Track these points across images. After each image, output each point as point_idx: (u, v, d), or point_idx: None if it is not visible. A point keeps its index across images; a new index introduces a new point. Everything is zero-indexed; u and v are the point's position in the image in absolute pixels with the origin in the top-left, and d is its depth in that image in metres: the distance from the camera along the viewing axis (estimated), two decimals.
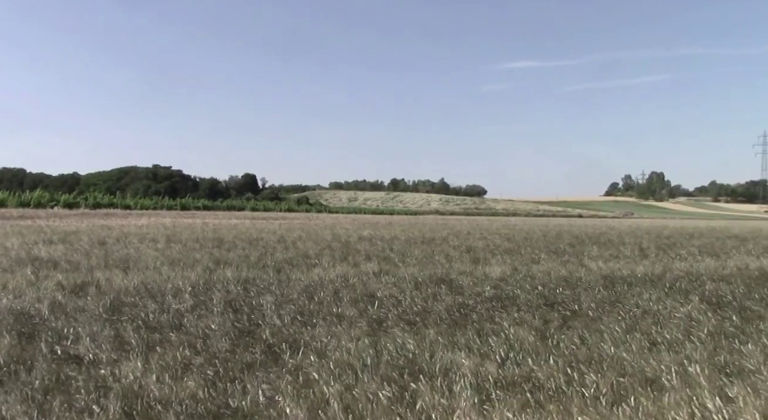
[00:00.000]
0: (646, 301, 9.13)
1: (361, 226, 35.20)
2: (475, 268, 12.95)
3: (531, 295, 9.53)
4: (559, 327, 7.24)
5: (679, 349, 6.20)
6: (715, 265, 14.36)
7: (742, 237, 28.34)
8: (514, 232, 30.47)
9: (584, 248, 19.20)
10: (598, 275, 12.08)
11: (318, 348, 5.96)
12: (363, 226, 34.04)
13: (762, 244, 22.67)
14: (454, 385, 4.85)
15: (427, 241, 21.57)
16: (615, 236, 27.30)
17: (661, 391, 4.85)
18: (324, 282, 10.42)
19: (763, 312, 8.29)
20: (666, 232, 33.18)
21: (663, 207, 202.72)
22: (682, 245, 21.48)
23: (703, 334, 6.81)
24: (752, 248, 20.45)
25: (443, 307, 8.25)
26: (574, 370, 5.31)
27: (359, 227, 32.61)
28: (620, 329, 7.07)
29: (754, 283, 11.24)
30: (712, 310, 8.43)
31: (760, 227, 46.91)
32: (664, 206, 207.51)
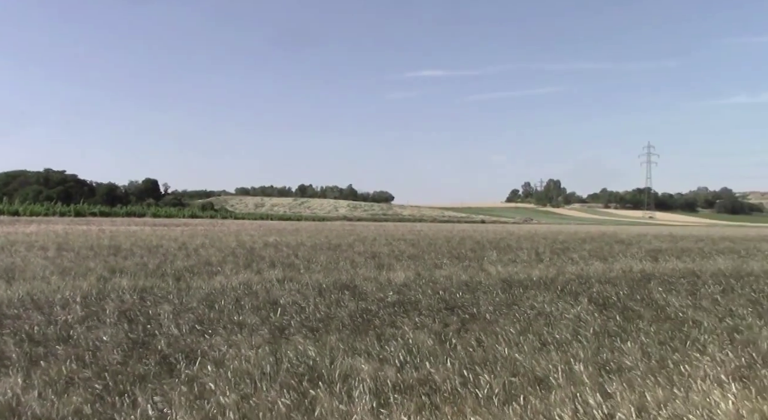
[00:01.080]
0: (540, 303, 9.57)
1: (267, 232, 34.71)
2: (379, 273, 13.10)
3: (432, 299, 9.76)
4: (458, 330, 7.46)
5: (567, 348, 6.54)
6: (603, 268, 15.25)
7: (627, 241, 30.26)
8: (419, 237, 31.05)
9: (485, 253, 19.86)
10: (497, 279, 12.54)
11: (216, 357, 5.84)
12: (269, 233, 33.58)
13: (644, 248, 24.32)
14: (353, 390, 4.89)
15: (333, 248, 21.58)
16: (514, 241, 28.42)
17: (548, 389, 5.11)
18: (226, 290, 10.21)
19: (643, 311, 8.90)
20: (561, 237, 34.88)
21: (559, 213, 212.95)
22: (574, 250, 22.66)
23: (589, 334, 7.22)
24: (636, 252, 21.89)
25: (346, 313, 8.29)
26: (470, 372, 5.49)
27: (265, 234, 32.15)
28: (515, 331, 7.37)
29: (637, 284, 12.04)
30: (598, 310, 8.96)
31: (644, 232, 50.25)
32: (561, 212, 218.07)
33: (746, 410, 4.61)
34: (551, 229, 58.00)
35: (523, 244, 26.60)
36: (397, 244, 24.24)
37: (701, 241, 31.63)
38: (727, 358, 6.10)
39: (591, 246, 25.53)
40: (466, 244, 25.70)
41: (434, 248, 22.22)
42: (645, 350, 6.51)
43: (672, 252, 22.06)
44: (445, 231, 44.68)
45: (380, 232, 38.11)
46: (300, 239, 26.64)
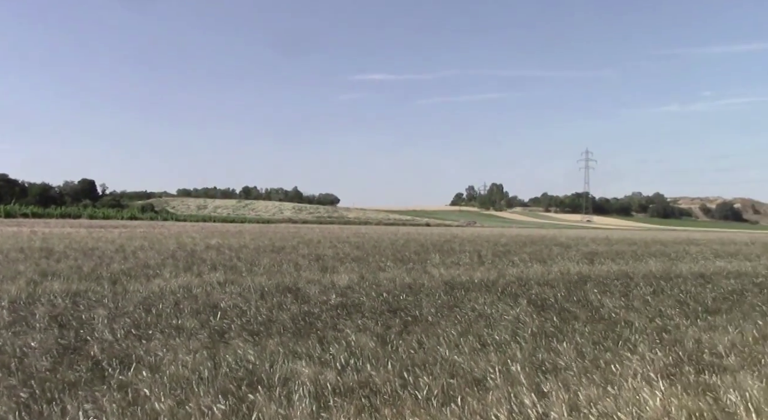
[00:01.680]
0: (481, 305, 9.73)
1: (209, 234, 34.07)
2: (323, 276, 13.05)
3: (376, 302, 9.78)
4: (400, 332, 7.50)
5: (506, 349, 6.67)
6: (543, 270, 15.62)
7: (566, 244, 31.10)
8: (363, 240, 31.07)
9: (429, 256, 20.04)
10: (439, 281, 12.68)
11: (152, 362, 5.69)
12: (211, 235, 32.96)
13: (582, 251, 25.04)
14: (293, 394, 4.86)
15: (277, 250, 21.37)
16: (457, 244, 28.78)
17: (486, 390, 5.20)
18: (165, 293, 9.98)
19: (579, 312, 9.17)
20: (503, 240, 35.53)
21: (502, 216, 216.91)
22: (515, 252, 23.13)
23: (527, 335, 7.39)
24: (574, 254, 22.51)
25: (288, 317, 8.22)
26: (410, 374, 5.54)
27: (207, 236, 31.54)
28: (456, 332, 7.47)
29: (574, 286, 12.39)
30: (536, 312, 9.18)
31: (582, 235, 51.73)
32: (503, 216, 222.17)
33: (673, 406, 4.80)
34: (494, 232, 59.03)
35: (466, 246, 26.96)
36: (341, 247, 24.19)
37: (635, 245, 32.80)
38: (655, 357, 6.34)
39: (531, 249, 26.11)
40: (411, 246, 25.87)
41: (378, 251, 22.28)
42: (580, 350, 6.70)
43: (607, 255, 22.79)
44: (390, 234, 44.86)
45: (325, 235, 37.96)
46: (243, 241, 26.25)
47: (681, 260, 20.70)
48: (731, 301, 10.66)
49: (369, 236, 37.40)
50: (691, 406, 4.81)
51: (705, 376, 5.74)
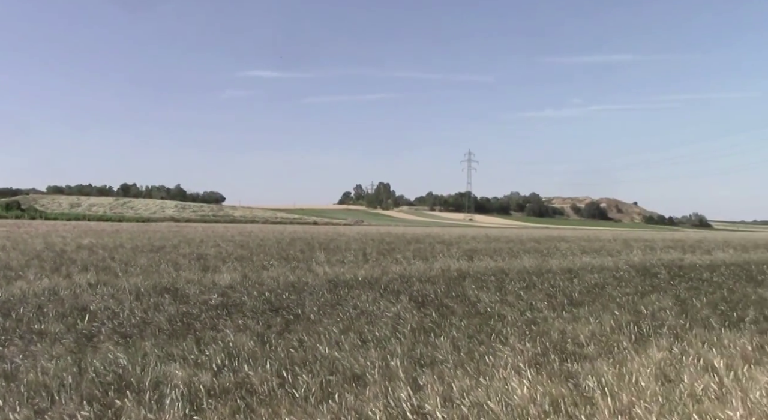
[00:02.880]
0: (364, 302, 9.85)
1: (82, 234, 32.05)
2: (204, 275, 12.67)
3: (258, 301, 9.64)
4: (281, 331, 7.44)
5: (386, 345, 6.80)
6: (425, 267, 16.06)
7: (448, 242, 32.14)
8: (249, 239, 30.47)
9: (314, 254, 19.99)
10: (323, 280, 12.70)
11: (7, 370, 5.28)
12: (84, 234, 31.02)
13: (463, 248, 25.99)
14: (165, 398, 4.68)
15: (156, 250, 20.49)
16: (343, 243, 28.92)
17: (364, 385, 5.27)
18: (27, 296, 9.28)
19: (457, 308, 9.52)
20: (388, 238, 36.13)
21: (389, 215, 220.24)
22: (399, 250, 23.60)
23: (406, 331, 7.57)
24: (455, 252, 23.32)
25: (165, 318, 7.92)
26: (289, 373, 5.50)
27: (80, 235, 29.66)
28: (337, 330, 7.52)
29: (453, 282, 12.83)
30: (417, 308, 9.42)
31: (464, 233, 53.70)
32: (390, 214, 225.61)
33: (539, 394, 5.11)
34: (380, 231, 59.85)
35: (352, 245, 27.17)
36: (225, 246, 23.59)
37: (511, 242, 34.48)
38: (525, 348, 6.71)
39: (415, 247, 26.75)
40: (297, 245, 25.70)
41: (264, 250, 21.95)
42: (456, 344, 6.96)
43: (486, 252, 23.81)
44: (277, 232, 44.30)
45: (209, 234, 36.84)
46: (119, 241, 24.93)
47: (552, 256, 22.02)
48: (594, 294, 11.47)
49: (255, 235, 36.73)
50: (554, 393, 5.14)
51: (568, 364, 6.15)
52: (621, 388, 5.22)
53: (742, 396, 5.00)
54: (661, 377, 5.63)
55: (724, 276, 15.49)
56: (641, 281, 13.74)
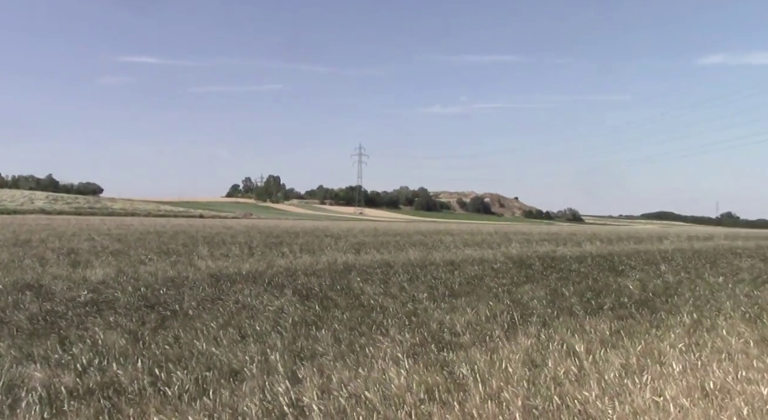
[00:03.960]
0: (246, 296, 9.66)
1: None
2: (74, 271, 11.92)
3: (133, 297, 9.21)
4: (156, 328, 7.15)
5: (266, 339, 6.72)
6: (311, 260, 16.01)
7: (337, 236, 32.24)
8: (128, 232, 29.00)
9: (197, 248, 19.37)
10: (205, 274, 12.33)
11: None
12: None
13: (350, 242, 26.17)
14: (20, 401, 4.36)
15: (21, 244, 19.02)
16: (229, 236, 28.24)
17: (242, 381, 5.18)
18: None
19: (340, 300, 9.56)
20: (276, 231, 35.68)
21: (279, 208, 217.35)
22: (287, 244, 23.37)
23: (288, 324, 7.51)
24: (343, 245, 23.44)
25: (25, 316, 7.37)
26: (162, 370, 5.30)
27: None
28: (216, 325, 7.33)
29: (339, 275, 12.88)
30: (301, 301, 9.38)
31: (353, 227, 54.06)
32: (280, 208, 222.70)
33: (415, 382, 5.25)
34: (269, 224, 58.95)
35: (238, 238, 26.58)
36: (100, 240, 22.32)
37: (398, 236, 35.12)
38: (404, 338, 6.87)
39: (303, 240, 26.60)
40: (179, 239, 24.78)
41: (143, 244, 20.97)
42: (337, 336, 7.00)
43: (373, 245, 24.09)
44: (159, 225, 42.43)
45: (83, 227, 34.68)
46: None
47: (437, 249, 22.66)
48: (473, 285, 11.93)
49: (134, 228, 35.00)
50: (429, 381, 5.30)
51: (444, 353, 6.36)
52: (492, 375, 5.47)
53: (598, 377, 5.40)
54: (529, 363, 5.96)
55: (590, 267, 16.62)
56: (517, 272, 14.45)
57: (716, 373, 5.53)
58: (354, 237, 31.29)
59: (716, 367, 5.71)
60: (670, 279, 13.59)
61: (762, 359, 6.07)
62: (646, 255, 22.30)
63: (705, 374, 5.50)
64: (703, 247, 30.53)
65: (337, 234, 34.45)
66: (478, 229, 57.83)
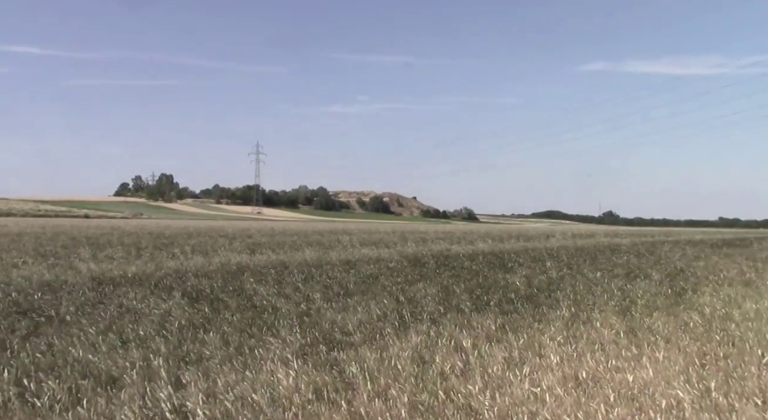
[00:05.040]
0: (131, 300, 9.24)
1: None
2: None
3: (2, 303, 8.56)
4: (27, 335, 6.69)
5: (150, 344, 6.44)
6: (203, 262, 15.54)
7: (232, 236, 31.50)
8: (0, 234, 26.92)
9: (79, 250, 18.28)
10: (87, 277, 11.67)
11: None
12: None
13: (246, 242, 25.65)
14: None
15: None
16: (116, 237, 26.89)
17: (121, 388, 4.94)
18: None
19: (231, 302, 9.35)
20: (168, 232, 34.35)
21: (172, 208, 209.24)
22: (178, 244, 22.55)
23: (174, 328, 7.25)
24: (238, 245, 22.93)
25: None
26: (32, 380, 4.96)
27: None
28: (96, 330, 6.95)
29: (232, 276, 12.59)
30: (190, 304, 9.08)
31: (249, 227, 53.05)
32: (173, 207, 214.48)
33: (304, 383, 5.21)
34: (160, 224, 56.62)
35: (125, 239, 25.37)
36: None
37: (295, 235, 34.81)
38: (295, 339, 6.81)
39: (196, 241, 25.77)
40: (59, 240, 23.30)
41: (18, 246, 19.54)
42: (226, 339, 6.83)
43: (269, 245, 23.74)
44: (38, 226, 39.67)
45: None
46: None
47: (333, 249, 22.65)
48: (368, 284, 12.02)
49: (9, 229, 32.56)
50: (318, 381, 5.29)
51: (335, 352, 6.37)
52: (381, 372, 5.53)
53: (482, 371, 5.60)
54: (418, 359, 6.08)
55: (481, 264, 17.21)
56: (411, 271, 14.72)
57: (589, 363, 5.89)
58: (250, 237, 30.70)
59: (590, 358, 6.08)
60: (553, 275, 14.32)
61: (630, 349, 6.51)
62: (534, 252, 23.39)
63: (579, 364, 5.84)
64: (585, 244, 32.43)
65: (233, 234, 33.67)
66: (376, 229, 58.41)
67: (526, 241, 34.99)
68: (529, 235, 47.80)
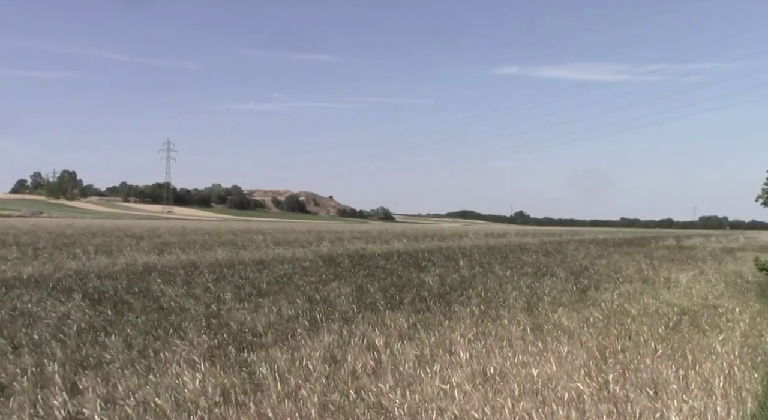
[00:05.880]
0: (26, 302, 8.69)
1: None
2: None
3: None
4: None
5: (45, 348, 6.07)
6: (108, 262, 14.83)
7: (140, 235, 30.28)
8: None
9: None
10: None
11: None
12: None
13: (155, 242, 24.73)
14: None
15: None
16: (11, 237, 25.27)
17: (9, 396, 4.62)
18: None
19: (137, 303, 8.96)
20: (69, 231, 32.62)
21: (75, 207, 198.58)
22: (80, 244, 21.44)
23: (73, 331, 6.86)
24: (145, 245, 22.05)
25: None
26: None
27: None
28: None
29: (138, 277, 12.08)
30: (91, 306, 8.63)
31: (159, 226, 51.17)
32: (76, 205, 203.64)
33: (211, 385, 5.05)
34: (61, 223, 53.60)
35: (22, 239, 23.88)
36: None
37: (207, 235, 33.90)
38: (203, 341, 6.60)
39: (100, 240, 24.59)
40: None
41: None
42: (129, 342, 6.54)
43: (179, 245, 22.98)
44: None
45: None
46: None
47: (247, 248, 22.20)
48: (281, 284, 11.84)
49: None
50: (226, 383, 5.14)
51: (245, 354, 6.22)
52: (291, 373, 5.45)
53: (393, 369, 5.62)
54: (329, 359, 6.03)
55: (396, 263, 17.36)
56: (326, 270, 14.64)
57: (497, 358, 6.03)
58: (159, 237, 29.62)
59: (498, 354, 6.23)
60: (465, 273, 14.63)
61: (536, 344, 6.74)
62: (448, 251, 23.84)
63: (488, 360, 5.97)
64: (497, 243, 33.41)
65: (140, 234, 32.36)
66: (291, 228, 57.81)
67: (440, 240, 35.63)
68: (444, 234, 48.73)
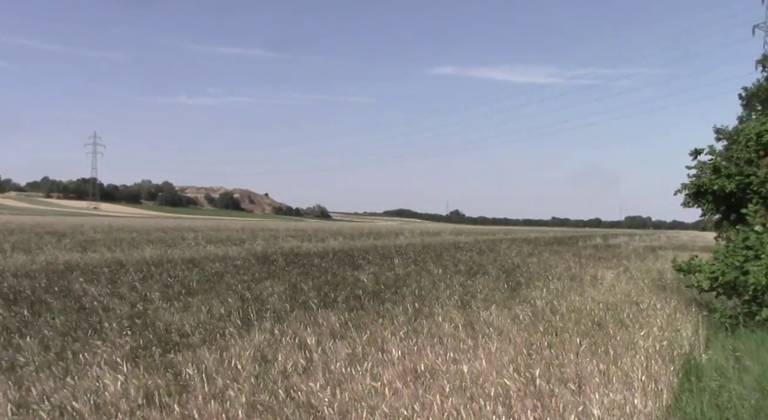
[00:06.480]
0: None
1: None
2: None
3: None
4: None
5: None
6: (26, 260, 14.11)
7: (62, 233, 28.98)
8: None
9: None
10: None
11: None
12: None
13: (78, 239, 23.73)
14: None
15: None
16: None
17: None
18: None
19: (56, 303, 8.55)
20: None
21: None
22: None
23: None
24: (68, 243, 21.12)
25: None
26: None
27: None
28: None
29: (59, 276, 11.53)
30: (6, 306, 8.18)
31: (83, 223, 49.15)
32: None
33: (134, 387, 4.86)
34: None
35: None
36: None
37: (135, 232, 32.78)
38: (125, 342, 6.35)
39: (18, 237, 23.42)
40: None
41: None
42: (46, 343, 6.22)
43: (105, 242, 22.12)
44: None
45: None
46: None
47: (177, 246, 21.59)
48: (212, 283, 11.56)
49: None
50: (150, 385, 4.96)
51: (171, 354, 6.02)
52: (219, 373, 5.30)
53: (324, 368, 5.56)
54: (259, 358, 5.91)
55: (331, 261, 17.26)
56: (259, 269, 14.39)
57: (429, 356, 6.06)
58: (82, 234, 28.45)
59: (429, 351, 6.26)
60: (400, 272, 14.69)
61: (467, 341, 6.81)
62: (383, 250, 23.90)
63: (419, 358, 5.99)
64: (432, 241, 33.77)
65: (62, 231, 30.99)
66: (224, 226, 56.65)
67: (376, 238, 35.71)
68: (380, 233, 48.87)
